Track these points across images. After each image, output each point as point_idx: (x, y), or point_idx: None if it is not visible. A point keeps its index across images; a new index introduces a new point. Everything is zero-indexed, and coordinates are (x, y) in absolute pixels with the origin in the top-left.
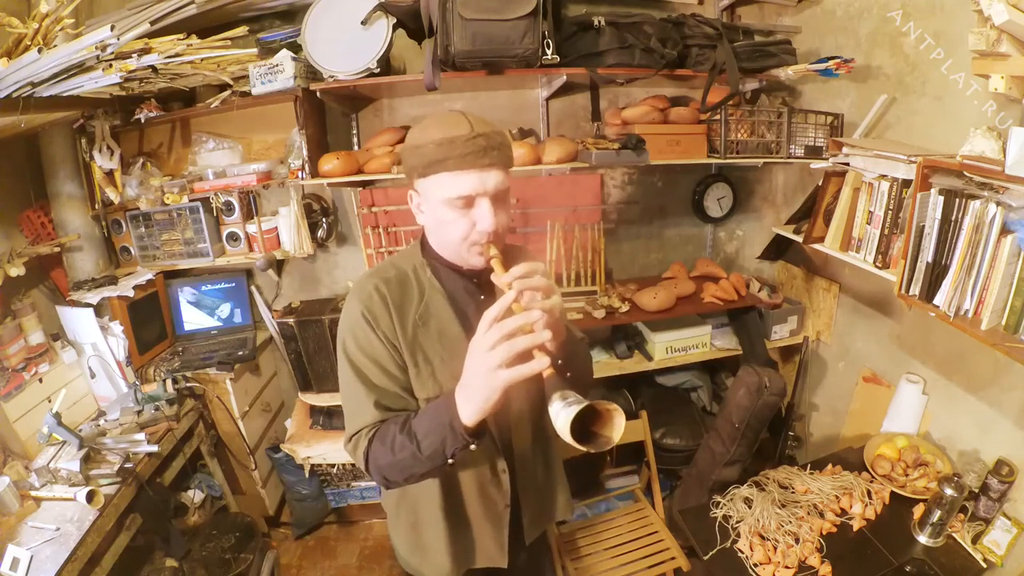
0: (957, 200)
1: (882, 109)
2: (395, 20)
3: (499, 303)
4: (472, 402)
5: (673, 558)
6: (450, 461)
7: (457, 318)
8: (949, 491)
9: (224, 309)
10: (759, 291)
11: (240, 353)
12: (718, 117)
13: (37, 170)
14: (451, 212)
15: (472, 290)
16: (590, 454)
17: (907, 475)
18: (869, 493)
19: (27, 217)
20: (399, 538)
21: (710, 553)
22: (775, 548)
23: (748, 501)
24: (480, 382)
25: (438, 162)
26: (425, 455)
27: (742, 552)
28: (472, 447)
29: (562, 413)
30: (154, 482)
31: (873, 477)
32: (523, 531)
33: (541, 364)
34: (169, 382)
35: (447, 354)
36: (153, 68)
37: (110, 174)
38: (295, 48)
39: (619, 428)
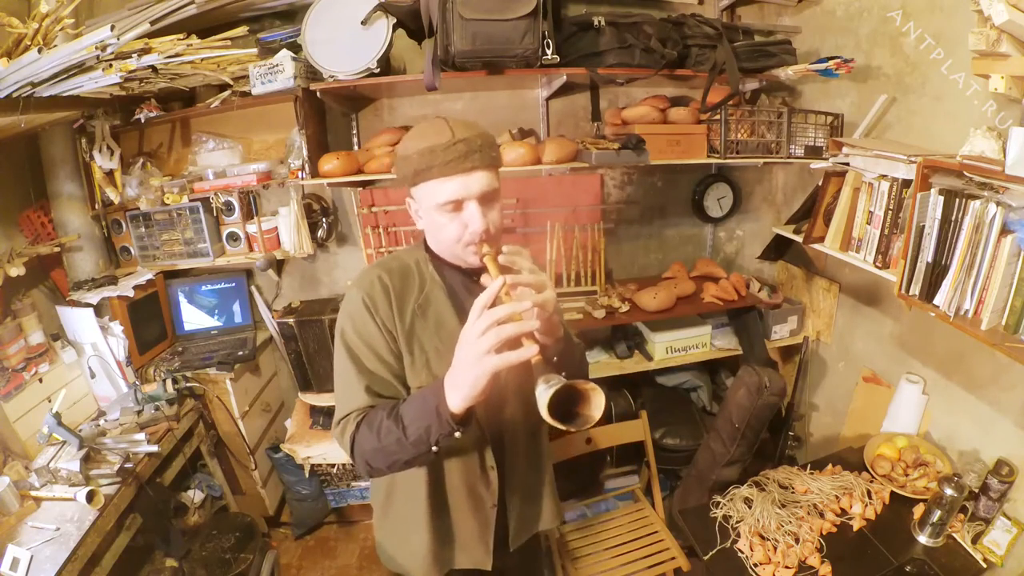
0: (957, 200)
1: (882, 109)
2: (395, 20)
3: (488, 290)
4: (460, 388)
5: (673, 558)
6: (434, 449)
7: (456, 311)
8: (949, 491)
9: (224, 309)
10: (759, 291)
11: (240, 353)
12: (718, 117)
13: (37, 170)
14: (443, 216)
15: (471, 287)
16: (590, 454)
17: (907, 475)
18: (869, 493)
19: (27, 217)
20: (384, 535)
21: (710, 553)
22: (775, 548)
23: (748, 501)
24: (468, 367)
25: (423, 171)
26: (410, 441)
27: (742, 552)
28: (457, 434)
29: (543, 394)
30: (154, 482)
31: (873, 477)
32: (508, 535)
33: (530, 351)
34: (169, 382)
35: (443, 346)
36: (153, 68)
37: (110, 174)
38: (295, 48)
39: (598, 406)
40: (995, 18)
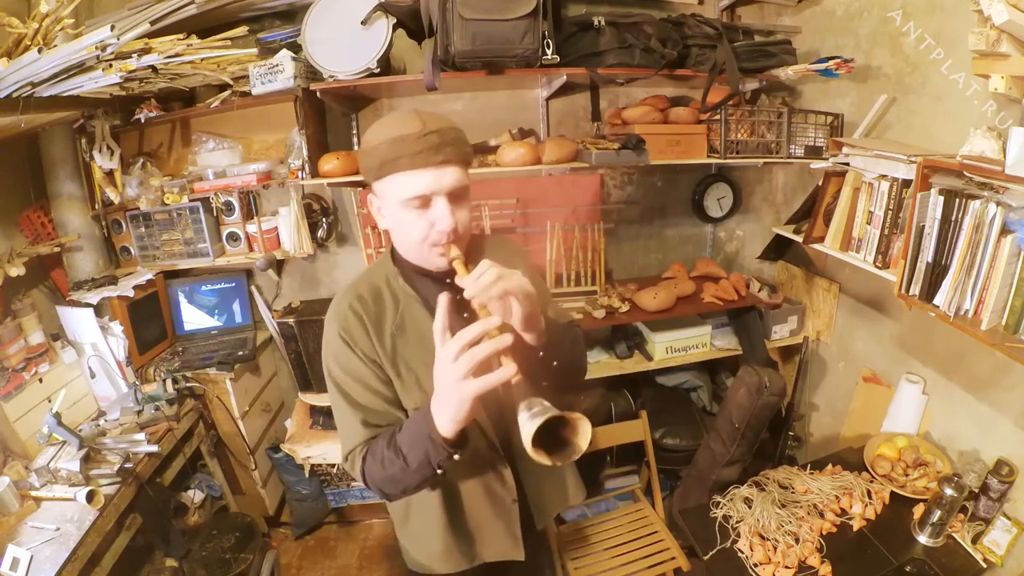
0: (957, 200)
1: (882, 109)
2: (395, 20)
3: (438, 312)
4: (445, 413)
5: (673, 558)
6: (439, 471)
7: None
8: (949, 491)
9: (224, 309)
10: (759, 291)
11: (240, 353)
12: (718, 117)
13: (37, 170)
14: (408, 213)
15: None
16: (591, 453)
17: (907, 475)
18: (869, 493)
19: (27, 217)
20: (407, 540)
21: (710, 553)
22: (775, 548)
23: (748, 501)
24: (449, 393)
25: (391, 162)
26: (412, 468)
27: (742, 552)
28: (455, 457)
29: (526, 425)
30: (154, 482)
31: (873, 477)
32: (532, 519)
33: (507, 372)
34: (169, 382)
35: (430, 359)
36: (153, 68)
37: (110, 174)
38: (295, 48)
39: (586, 436)
40: (995, 18)
